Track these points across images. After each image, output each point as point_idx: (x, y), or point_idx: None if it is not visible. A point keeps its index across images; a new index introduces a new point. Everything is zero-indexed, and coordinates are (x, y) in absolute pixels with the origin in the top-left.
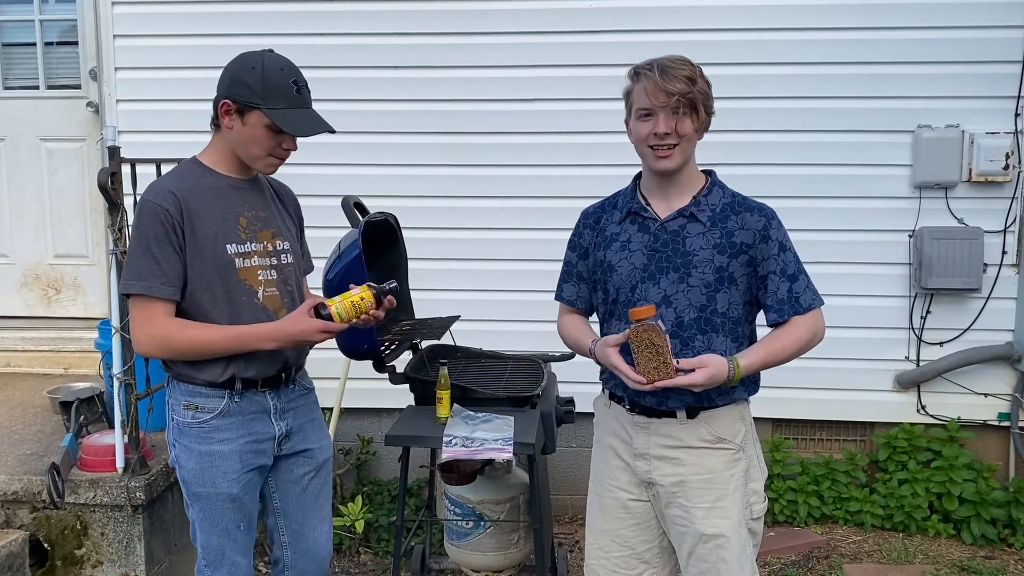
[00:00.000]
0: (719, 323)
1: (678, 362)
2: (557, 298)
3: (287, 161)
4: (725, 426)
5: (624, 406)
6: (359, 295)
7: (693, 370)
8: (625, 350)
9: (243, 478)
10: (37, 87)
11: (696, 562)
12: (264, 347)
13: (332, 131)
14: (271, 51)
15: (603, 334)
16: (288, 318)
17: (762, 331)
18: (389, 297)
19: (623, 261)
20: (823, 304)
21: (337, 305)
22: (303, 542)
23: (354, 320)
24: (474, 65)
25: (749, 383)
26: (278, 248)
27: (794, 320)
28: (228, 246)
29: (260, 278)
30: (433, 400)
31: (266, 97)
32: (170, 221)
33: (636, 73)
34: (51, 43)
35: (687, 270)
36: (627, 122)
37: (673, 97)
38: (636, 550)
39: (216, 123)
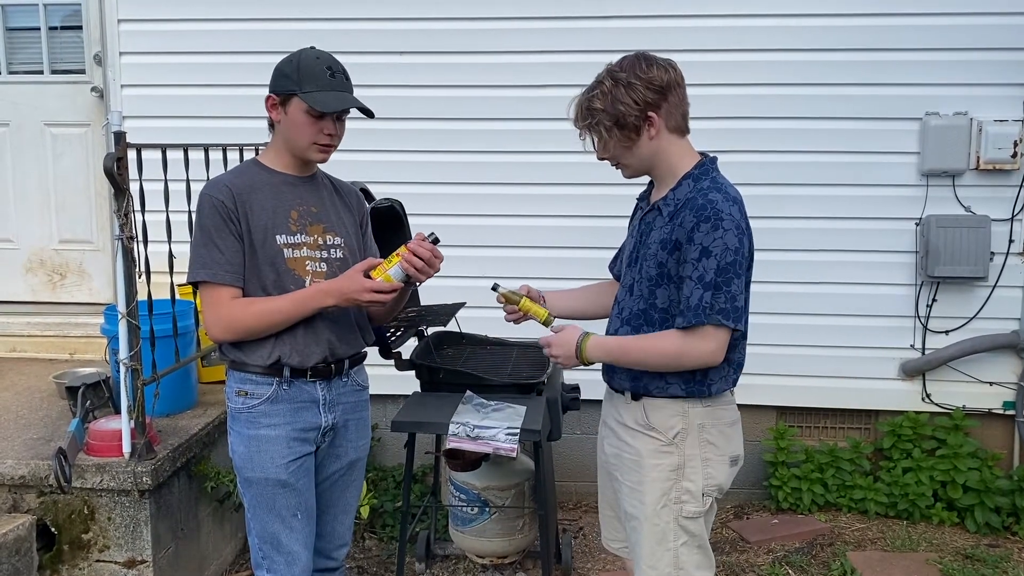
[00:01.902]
0: (657, 318)
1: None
2: (609, 267)
3: None
4: (659, 417)
5: None
6: (399, 254)
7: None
8: None
9: (291, 465)
10: (41, 72)
11: (628, 536)
12: (324, 303)
13: (366, 110)
14: (312, 47)
15: None
16: (343, 275)
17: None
18: (431, 247)
19: (627, 246)
20: (733, 328)
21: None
22: (323, 527)
23: (406, 277)
24: (481, 50)
25: (691, 382)
26: (328, 243)
27: (670, 332)
28: (278, 236)
29: (308, 268)
30: (439, 387)
31: (300, 83)
32: (226, 211)
33: None
34: (55, 28)
35: (642, 262)
36: None
37: (578, 129)
38: (619, 515)
39: (271, 123)
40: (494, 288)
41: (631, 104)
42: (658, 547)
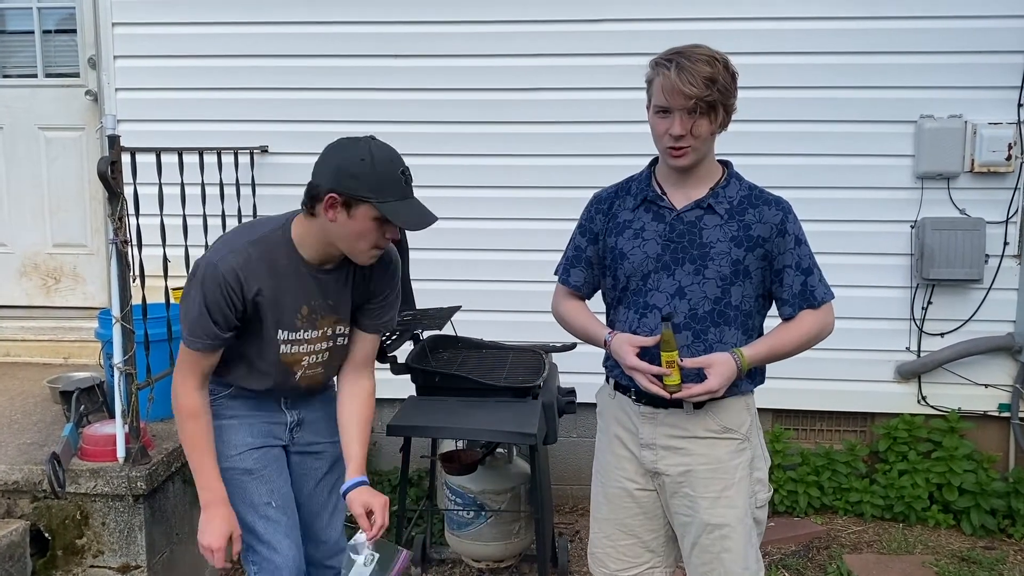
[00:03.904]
0: (732, 316)
1: (683, 360)
2: (562, 281)
3: (290, 150)
4: (731, 416)
5: (630, 396)
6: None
7: (699, 371)
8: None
9: (255, 452)
10: (35, 75)
11: (699, 553)
12: (203, 498)
13: (436, 219)
14: (373, 138)
15: (609, 321)
16: (228, 511)
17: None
18: None
19: (636, 249)
20: (834, 297)
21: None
22: (316, 535)
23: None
24: (475, 54)
25: (756, 375)
26: (336, 332)
27: (802, 314)
28: (280, 332)
29: (304, 363)
30: (435, 391)
31: (378, 191)
32: (228, 294)
33: (656, 64)
34: (49, 31)
35: (703, 262)
36: (648, 108)
37: (691, 100)
38: (642, 539)
39: (311, 210)
40: (667, 318)
41: (735, 95)
42: (748, 546)
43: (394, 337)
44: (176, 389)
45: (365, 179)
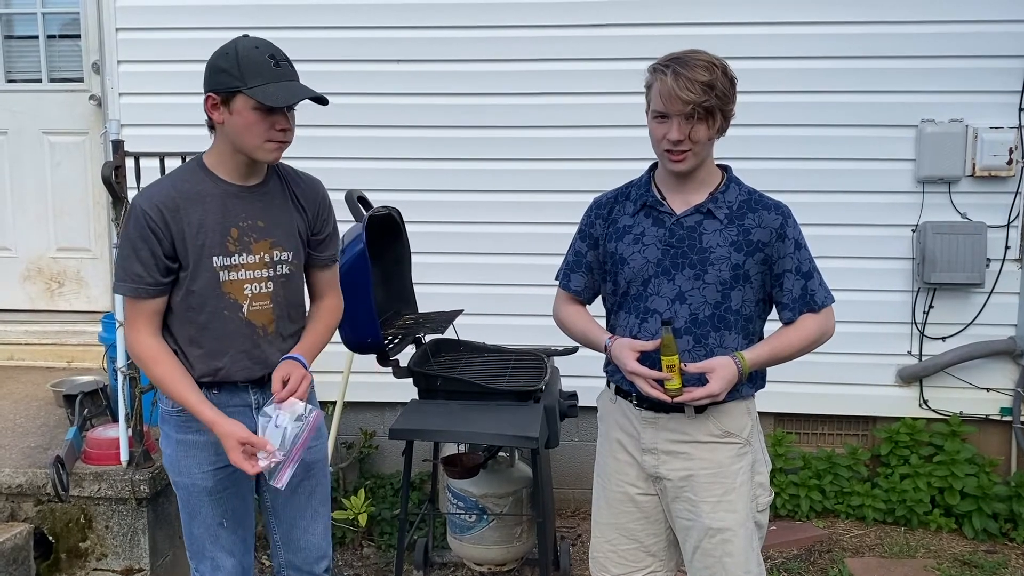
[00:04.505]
0: (732, 320)
1: (685, 365)
2: (563, 286)
3: (292, 155)
4: (732, 420)
5: (631, 401)
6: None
7: (701, 375)
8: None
9: (218, 472)
10: (40, 80)
11: (701, 557)
12: (213, 429)
13: (321, 99)
14: (245, 35)
15: (609, 326)
16: (231, 425)
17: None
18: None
19: (636, 255)
20: (834, 301)
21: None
22: (295, 542)
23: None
24: (478, 59)
25: (756, 379)
26: (275, 259)
27: (803, 318)
28: (214, 259)
29: (247, 293)
30: (437, 394)
31: (244, 77)
32: (150, 229)
33: (655, 70)
34: (53, 36)
35: (703, 267)
36: (647, 113)
37: (688, 105)
38: (643, 543)
39: (211, 125)
40: (668, 322)
41: (734, 100)
42: (749, 550)
43: (396, 341)
44: (128, 341)
45: (231, 70)
